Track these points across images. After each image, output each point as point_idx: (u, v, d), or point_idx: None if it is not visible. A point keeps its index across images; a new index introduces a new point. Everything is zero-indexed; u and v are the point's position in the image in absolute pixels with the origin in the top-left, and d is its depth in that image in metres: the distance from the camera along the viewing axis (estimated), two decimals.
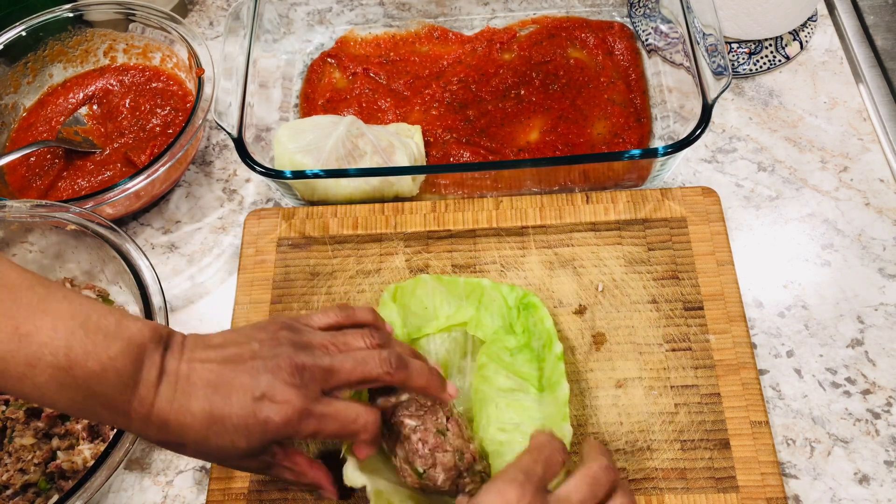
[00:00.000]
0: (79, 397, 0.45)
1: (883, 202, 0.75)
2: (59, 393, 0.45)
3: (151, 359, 0.48)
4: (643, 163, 0.71)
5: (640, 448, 0.62)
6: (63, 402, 0.46)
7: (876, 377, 0.66)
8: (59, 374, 0.44)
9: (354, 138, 0.74)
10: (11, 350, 0.44)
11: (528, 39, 0.88)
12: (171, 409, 0.47)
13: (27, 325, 0.44)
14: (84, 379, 0.45)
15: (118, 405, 0.47)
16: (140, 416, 0.47)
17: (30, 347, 0.44)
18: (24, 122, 0.87)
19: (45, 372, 0.44)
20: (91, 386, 0.45)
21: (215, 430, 0.48)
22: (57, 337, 0.45)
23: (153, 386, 0.47)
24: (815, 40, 0.87)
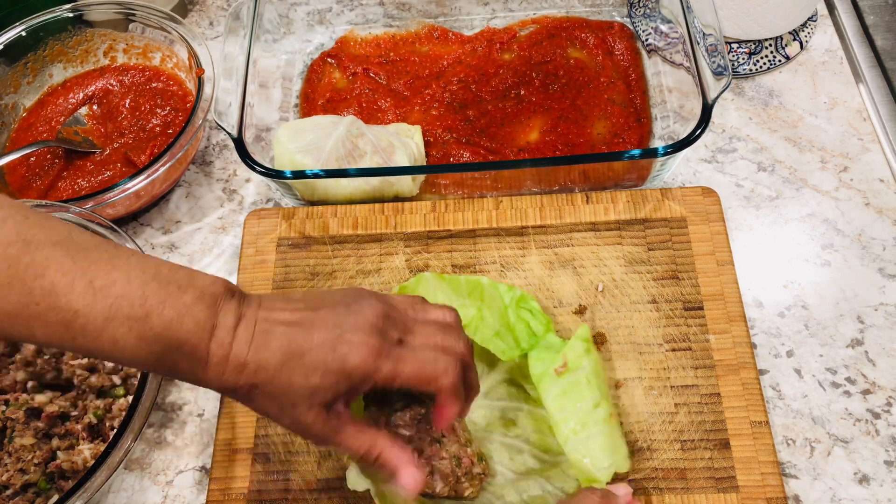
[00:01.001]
0: (157, 347, 0.45)
1: (883, 202, 0.75)
2: (138, 346, 0.44)
3: (227, 305, 0.47)
4: (643, 163, 0.71)
5: (640, 448, 0.62)
6: (142, 354, 0.45)
7: (876, 377, 0.66)
8: (137, 324, 0.44)
9: (354, 138, 0.74)
10: (88, 304, 0.43)
11: (528, 39, 0.88)
12: (249, 348, 0.47)
13: (101, 279, 0.43)
14: (162, 327, 0.44)
15: (197, 352, 0.46)
16: (218, 359, 0.46)
17: (106, 300, 0.43)
18: (24, 122, 0.87)
19: (124, 324, 0.44)
20: (170, 333, 0.45)
21: (291, 366, 0.47)
22: (132, 288, 0.44)
23: (231, 329, 0.47)
24: (815, 40, 0.87)
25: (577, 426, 0.57)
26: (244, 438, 0.65)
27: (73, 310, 0.43)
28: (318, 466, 0.63)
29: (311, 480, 0.63)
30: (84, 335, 0.44)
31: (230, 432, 0.65)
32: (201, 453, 0.67)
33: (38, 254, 0.43)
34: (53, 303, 0.43)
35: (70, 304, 0.43)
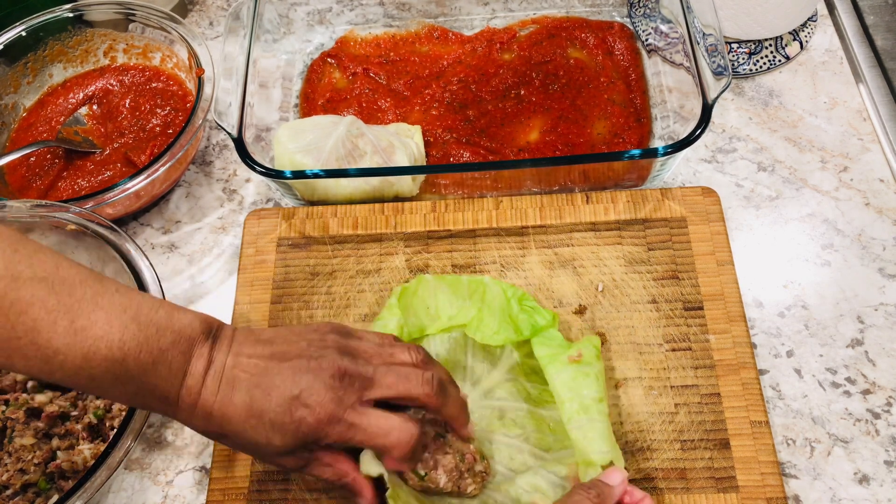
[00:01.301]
0: (131, 389, 0.47)
1: (883, 202, 0.75)
2: (113, 385, 0.47)
3: (200, 351, 0.50)
4: (643, 163, 0.71)
5: (640, 448, 0.62)
6: (116, 393, 0.48)
7: (876, 377, 0.66)
8: (113, 366, 0.46)
9: (354, 138, 0.74)
10: (68, 343, 0.45)
11: (528, 39, 0.88)
12: (214, 400, 0.49)
13: (82, 320, 0.45)
14: (137, 371, 0.47)
15: (168, 396, 0.49)
16: (187, 405, 0.49)
17: (86, 342, 0.45)
18: (24, 122, 0.87)
19: (101, 365, 0.46)
20: (143, 377, 0.47)
21: (252, 424, 0.49)
22: (111, 331, 0.46)
23: (200, 377, 0.49)
24: (815, 40, 0.87)
25: (581, 409, 0.57)
26: None
27: (54, 348, 0.45)
28: None
29: (311, 480, 0.63)
30: (62, 370, 0.46)
31: None
32: (201, 453, 0.67)
33: (24, 291, 0.44)
34: (34, 339, 0.44)
35: (51, 342, 0.45)
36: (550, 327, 0.63)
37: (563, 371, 0.59)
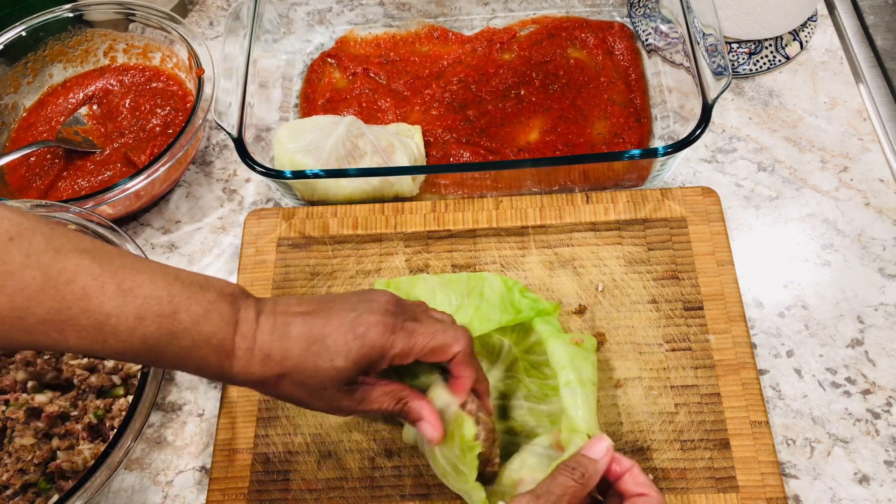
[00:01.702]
0: (186, 342, 0.47)
1: (883, 202, 0.75)
2: (168, 342, 0.47)
3: (246, 302, 0.50)
4: (643, 163, 0.71)
5: (640, 448, 0.62)
6: (172, 350, 0.47)
7: (876, 377, 0.66)
8: (166, 321, 0.46)
9: (354, 138, 0.74)
10: (119, 305, 0.45)
11: (528, 39, 0.88)
12: (272, 338, 0.49)
13: (129, 282, 0.46)
14: (190, 322, 0.47)
15: (224, 345, 0.48)
16: (243, 351, 0.49)
17: (136, 300, 0.46)
18: (24, 122, 0.87)
19: (154, 321, 0.46)
20: (198, 328, 0.47)
21: (315, 350, 0.49)
22: (158, 289, 0.46)
23: (252, 322, 0.50)
24: (815, 40, 0.87)
25: (578, 381, 0.57)
26: (244, 438, 0.65)
27: (105, 312, 0.45)
28: (318, 466, 0.63)
29: (311, 480, 0.63)
30: (116, 336, 0.45)
31: (230, 432, 0.65)
32: (201, 453, 0.67)
33: (69, 261, 0.44)
34: (85, 306, 0.44)
35: (102, 306, 0.45)
36: (553, 314, 0.63)
37: (564, 346, 0.59)
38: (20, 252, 0.43)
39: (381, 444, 0.64)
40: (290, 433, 0.65)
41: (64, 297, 0.44)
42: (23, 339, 0.44)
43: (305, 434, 0.65)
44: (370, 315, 0.51)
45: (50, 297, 0.44)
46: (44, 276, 0.43)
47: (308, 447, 0.64)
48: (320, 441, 0.64)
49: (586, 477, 0.49)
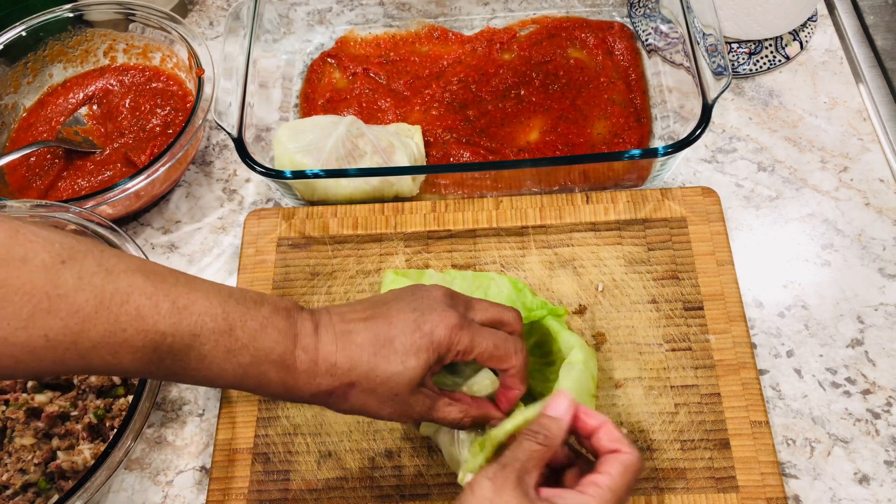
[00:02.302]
0: (245, 360, 0.46)
1: (883, 202, 0.75)
2: (226, 360, 0.46)
3: (302, 315, 0.50)
4: (643, 163, 0.71)
5: (640, 448, 0.62)
6: (230, 368, 0.46)
7: (876, 377, 0.66)
8: (223, 338, 0.46)
9: (354, 138, 0.74)
10: (174, 322, 0.44)
11: (528, 39, 0.88)
12: (335, 348, 0.48)
13: (182, 300, 0.45)
14: (248, 338, 0.46)
15: (285, 359, 0.47)
16: (306, 364, 0.48)
17: (191, 318, 0.45)
18: (24, 122, 0.87)
19: (210, 339, 0.45)
20: (256, 343, 0.47)
21: (384, 355, 0.49)
22: (212, 306, 0.46)
23: (312, 334, 0.49)
24: (815, 40, 0.87)
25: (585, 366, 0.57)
26: (244, 438, 0.65)
27: (160, 331, 0.44)
28: (318, 466, 0.63)
29: (311, 480, 0.63)
30: (172, 356, 0.45)
31: (230, 432, 0.65)
32: (201, 453, 0.67)
33: (121, 281, 0.44)
34: (140, 326, 0.44)
35: (156, 325, 0.44)
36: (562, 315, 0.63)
37: (575, 337, 0.59)
38: (72, 275, 0.42)
39: (381, 444, 0.64)
40: (290, 433, 0.65)
41: (118, 319, 0.43)
42: (76, 364, 0.43)
43: (305, 434, 0.65)
44: (432, 313, 0.50)
45: (104, 320, 0.43)
46: (97, 299, 0.43)
47: (308, 447, 0.64)
48: (320, 441, 0.64)
49: (549, 438, 0.48)
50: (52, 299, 0.41)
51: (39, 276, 0.41)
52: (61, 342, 0.42)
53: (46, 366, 0.43)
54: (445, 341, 0.50)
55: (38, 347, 0.42)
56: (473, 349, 0.51)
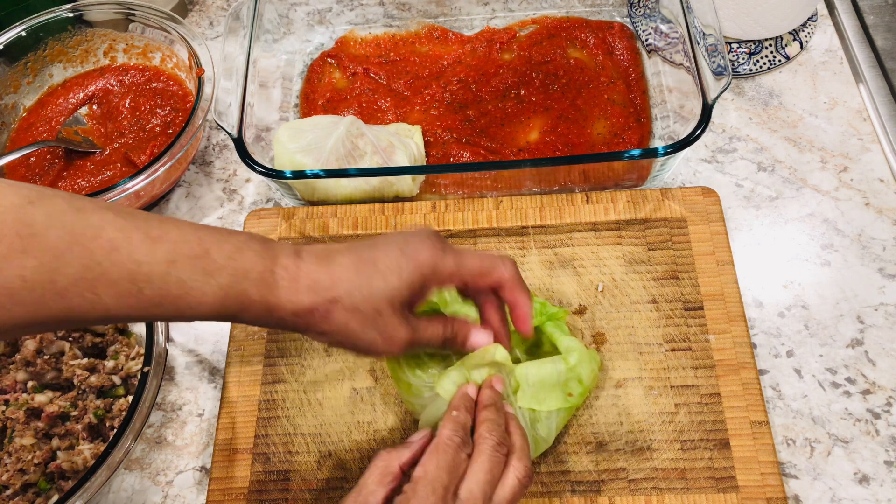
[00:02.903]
0: (224, 280, 0.46)
1: (883, 202, 0.75)
2: (204, 283, 0.46)
3: (279, 242, 0.50)
4: (643, 163, 0.71)
5: (640, 448, 0.62)
6: (211, 290, 0.46)
7: (876, 377, 0.66)
8: (199, 261, 0.46)
9: (354, 138, 0.74)
10: (148, 251, 0.44)
11: (528, 39, 0.88)
12: (317, 267, 0.49)
13: (155, 231, 0.45)
14: (224, 260, 0.46)
15: (265, 276, 0.47)
16: (287, 282, 0.48)
17: (165, 245, 0.45)
18: (24, 122, 0.87)
19: (187, 263, 0.45)
20: (233, 264, 0.47)
21: (367, 273, 0.49)
22: (185, 233, 0.46)
23: (292, 255, 0.49)
24: (815, 40, 0.87)
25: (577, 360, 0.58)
26: (244, 438, 0.65)
27: (136, 260, 0.44)
28: (317, 466, 0.63)
29: (311, 480, 0.63)
30: (150, 283, 0.44)
31: (230, 432, 0.65)
32: (201, 453, 0.67)
33: (92, 218, 0.44)
34: (115, 259, 0.44)
35: (132, 255, 0.44)
36: (561, 318, 0.63)
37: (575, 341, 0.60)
38: (42, 214, 0.43)
39: (381, 445, 0.64)
40: (290, 433, 0.65)
41: (93, 253, 0.43)
42: (58, 306, 0.43)
43: (305, 434, 0.65)
44: (418, 241, 0.51)
45: (78, 255, 0.43)
46: (69, 235, 0.43)
47: (308, 447, 0.64)
48: (320, 441, 0.64)
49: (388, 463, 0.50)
50: (24, 239, 0.42)
51: (9, 216, 0.42)
52: (38, 281, 0.42)
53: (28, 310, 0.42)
54: (429, 263, 0.50)
55: (15, 289, 0.42)
56: (460, 271, 0.52)
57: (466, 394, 0.54)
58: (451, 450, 0.49)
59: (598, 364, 0.62)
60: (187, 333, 0.74)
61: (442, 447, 0.49)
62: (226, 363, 0.69)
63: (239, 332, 0.70)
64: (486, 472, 0.48)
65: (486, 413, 0.52)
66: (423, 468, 0.48)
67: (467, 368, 0.56)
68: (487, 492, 0.48)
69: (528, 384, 0.57)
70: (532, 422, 0.57)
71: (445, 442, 0.49)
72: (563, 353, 0.59)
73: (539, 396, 0.57)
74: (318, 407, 0.66)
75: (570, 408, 0.58)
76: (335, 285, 0.48)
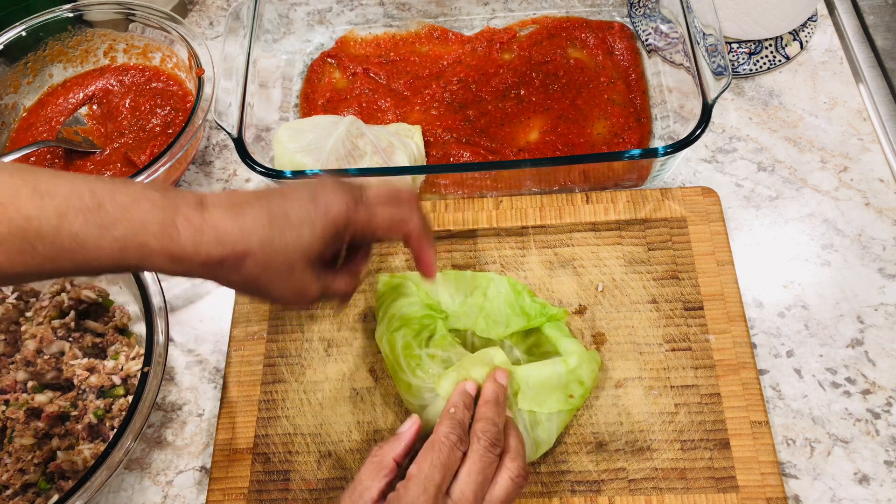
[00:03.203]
0: (120, 233, 0.44)
1: (883, 202, 0.75)
2: (100, 235, 0.44)
3: (180, 191, 0.47)
4: (643, 163, 0.71)
5: (640, 448, 0.62)
6: (106, 244, 0.44)
7: (876, 377, 0.66)
8: (91, 215, 0.44)
9: (354, 138, 0.74)
10: (38, 206, 0.43)
11: (528, 39, 0.88)
12: (224, 216, 0.46)
13: (44, 185, 0.43)
14: (119, 212, 0.44)
15: (165, 228, 0.45)
16: (190, 233, 0.45)
17: (54, 199, 0.43)
18: (24, 122, 0.87)
19: (78, 217, 0.43)
20: (129, 216, 0.44)
21: (279, 226, 0.47)
22: (76, 186, 0.44)
23: (194, 204, 0.46)
24: (815, 40, 0.87)
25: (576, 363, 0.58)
26: (244, 438, 0.65)
27: (24, 215, 0.42)
28: (318, 466, 0.63)
29: (311, 480, 0.63)
30: (42, 239, 0.43)
31: (230, 432, 0.65)
32: (201, 453, 0.67)
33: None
34: (2, 214, 0.42)
35: (20, 210, 0.42)
36: (562, 318, 0.63)
37: (575, 343, 0.60)
38: None
39: None
40: (290, 433, 0.65)
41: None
42: None
43: (305, 434, 0.65)
44: (327, 190, 0.49)
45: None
46: None
47: (308, 447, 0.64)
48: (320, 441, 0.64)
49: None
50: None
51: None
52: None
53: None
54: (343, 215, 0.49)
55: None
56: (370, 222, 0.51)
57: (465, 390, 0.54)
58: (445, 448, 0.49)
59: (599, 364, 0.62)
60: (187, 333, 0.74)
61: (437, 445, 0.49)
62: (226, 363, 0.69)
63: (239, 332, 0.71)
64: (478, 472, 0.49)
65: (484, 410, 0.52)
66: (417, 466, 0.48)
67: (467, 369, 0.56)
68: (479, 492, 0.48)
69: (529, 386, 0.57)
70: (533, 424, 0.57)
71: (441, 440, 0.49)
72: (563, 356, 0.59)
73: (539, 398, 0.57)
74: (318, 407, 0.66)
75: (570, 409, 0.59)
76: (245, 237, 0.46)
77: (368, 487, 0.49)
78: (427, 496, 0.46)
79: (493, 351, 0.57)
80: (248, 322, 0.71)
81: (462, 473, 0.49)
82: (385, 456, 0.51)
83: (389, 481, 0.50)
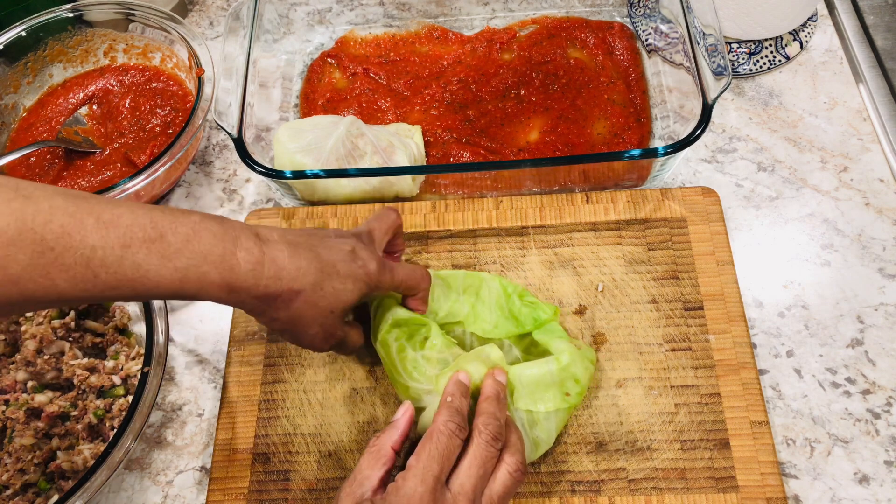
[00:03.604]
0: (181, 263, 0.46)
1: (883, 202, 0.75)
2: (162, 265, 0.46)
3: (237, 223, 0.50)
4: (643, 163, 0.71)
5: (640, 448, 0.62)
6: (168, 273, 0.46)
7: (876, 377, 0.66)
8: (155, 245, 0.45)
9: (354, 138, 0.74)
10: (102, 236, 0.44)
11: (528, 39, 0.88)
12: (283, 253, 0.50)
13: (107, 215, 0.45)
14: (181, 242, 0.46)
15: (225, 259, 0.48)
16: (251, 265, 0.49)
17: (119, 230, 0.45)
18: (24, 122, 0.87)
19: (142, 247, 0.45)
20: (191, 246, 0.47)
21: (328, 273, 0.52)
22: (139, 218, 0.46)
23: (253, 238, 0.50)
24: (815, 40, 0.87)
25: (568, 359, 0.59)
26: (244, 438, 0.65)
27: (89, 245, 0.44)
28: (317, 466, 0.63)
29: (311, 480, 0.63)
30: (105, 268, 0.44)
31: (230, 432, 0.65)
32: (201, 453, 0.67)
33: (41, 204, 0.43)
34: (68, 244, 0.43)
35: (85, 240, 0.44)
36: (552, 321, 0.63)
37: (566, 344, 0.60)
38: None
39: None
40: (290, 433, 0.65)
41: (44, 238, 0.43)
42: (12, 294, 0.43)
43: (305, 434, 0.65)
44: (359, 250, 0.55)
45: (29, 241, 0.42)
46: (18, 221, 0.42)
47: (308, 447, 0.64)
48: (320, 441, 0.64)
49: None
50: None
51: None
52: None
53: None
54: (375, 275, 0.55)
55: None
56: (392, 283, 0.57)
57: (458, 380, 0.54)
58: (444, 437, 0.49)
59: (594, 361, 0.62)
60: (187, 333, 0.74)
61: (435, 434, 0.49)
62: (226, 363, 0.69)
63: (239, 332, 0.71)
64: (479, 465, 0.49)
65: (486, 405, 0.52)
66: (415, 457, 0.48)
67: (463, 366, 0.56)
68: (479, 486, 0.48)
69: (523, 385, 0.57)
70: (531, 423, 0.57)
71: (440, 429, 0.50)
72: (554, 354, 0.59)
73: (534, 396, 0.57)
74: (318, 407, 0.66)
75: (568, 408, 0.59)
76: (301, 277, 0.50)
77: (368, 476, 0.49)
78: (425, 487, 0.46)
79: (489, 348, 0.58)
80: (248, 322, 0.71)
81: (462, 466, 0.49)
82: (383, 445, 0.51)
83: (388, 469, 0.50)
